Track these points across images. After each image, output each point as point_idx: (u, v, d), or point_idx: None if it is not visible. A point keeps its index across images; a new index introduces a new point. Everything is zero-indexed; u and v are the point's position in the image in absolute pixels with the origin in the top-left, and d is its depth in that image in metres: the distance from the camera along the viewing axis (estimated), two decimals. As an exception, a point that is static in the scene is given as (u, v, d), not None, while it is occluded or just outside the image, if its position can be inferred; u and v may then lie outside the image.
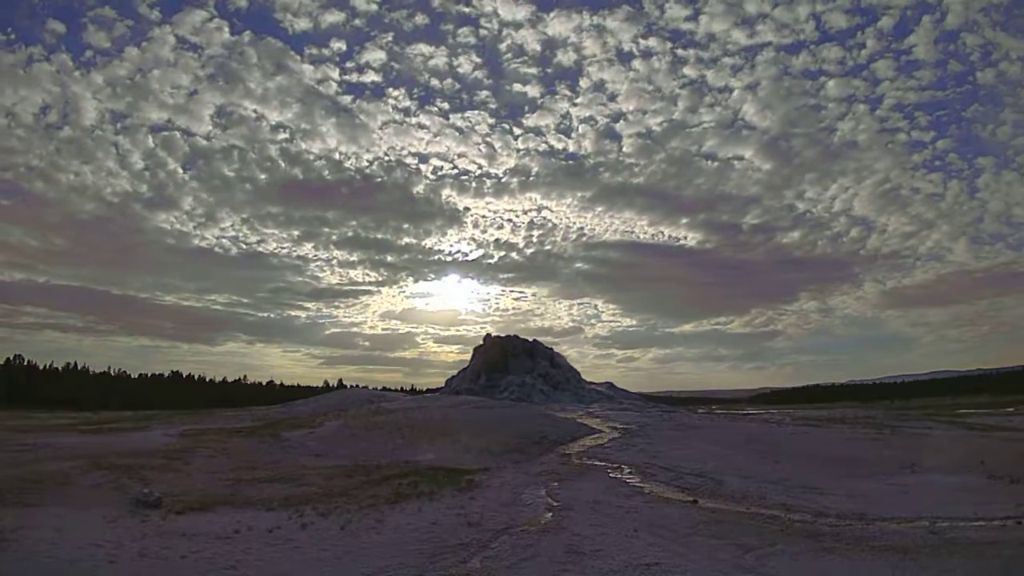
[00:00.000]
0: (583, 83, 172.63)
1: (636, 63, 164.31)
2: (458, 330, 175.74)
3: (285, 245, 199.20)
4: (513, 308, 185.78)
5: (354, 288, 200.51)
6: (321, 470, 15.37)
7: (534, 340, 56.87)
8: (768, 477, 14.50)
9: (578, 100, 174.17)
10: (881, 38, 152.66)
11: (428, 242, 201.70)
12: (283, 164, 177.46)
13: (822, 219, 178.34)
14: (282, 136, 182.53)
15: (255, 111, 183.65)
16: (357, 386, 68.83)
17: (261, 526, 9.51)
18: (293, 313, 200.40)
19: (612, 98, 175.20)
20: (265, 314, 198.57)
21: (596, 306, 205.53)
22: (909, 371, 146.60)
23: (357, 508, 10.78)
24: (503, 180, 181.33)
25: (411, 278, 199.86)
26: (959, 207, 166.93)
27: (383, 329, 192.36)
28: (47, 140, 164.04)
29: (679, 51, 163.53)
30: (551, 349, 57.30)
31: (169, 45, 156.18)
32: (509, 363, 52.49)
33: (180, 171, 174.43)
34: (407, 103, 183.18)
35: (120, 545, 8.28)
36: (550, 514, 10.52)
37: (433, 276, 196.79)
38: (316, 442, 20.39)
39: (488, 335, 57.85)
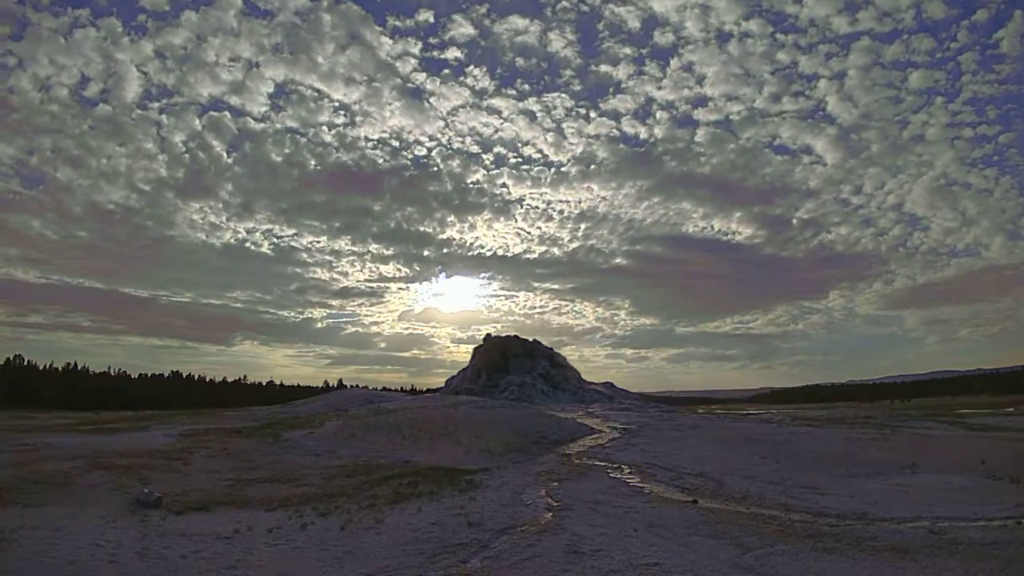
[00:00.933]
0: (673, 64, 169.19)
1: (732, 45, 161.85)
2: (480, 329, 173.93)
3: (321, 238, 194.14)
4: (539, 307, 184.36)
5: (381, 285, 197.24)
6: (321, 470, 15.38)
7: (534, 340, 56.93)
8: (768, 477, 14.49)
9: (664, 83, 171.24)
10: (973, 31, 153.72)
11: (471, 236, 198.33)
12: (336, 150, 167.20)
13: (872, 215, 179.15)
14: (341, 119, 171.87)
15: (317, 90, 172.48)
16: (357, 386, 68.87)
17: (261, 526, 9.51)
18: (315, 312, 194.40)
19: (699, 82, 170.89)
20: (286, 312, 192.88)
21: (622, 305, 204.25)
22: (909, 371, 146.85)
23: (357, 508, 10.78)
24: (564, 169, 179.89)
25: (444, 273, 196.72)
26: (1005, 203, 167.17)
27: (403, 328, 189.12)
28: (81, 118, 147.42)
29: (779, 35, 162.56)
30: (551, 349, 57.34)
31: (235, 9, 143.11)
32: (509, 363, 52.51)
33: (224, 155, 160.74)
34: (486, 83, 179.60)
35: (120, 545, 8.28)
36: (550, 514, 10.51)
37: (467, 271, 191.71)
38: (316, 442, 20.40)
39: (488, 335, 57.91)
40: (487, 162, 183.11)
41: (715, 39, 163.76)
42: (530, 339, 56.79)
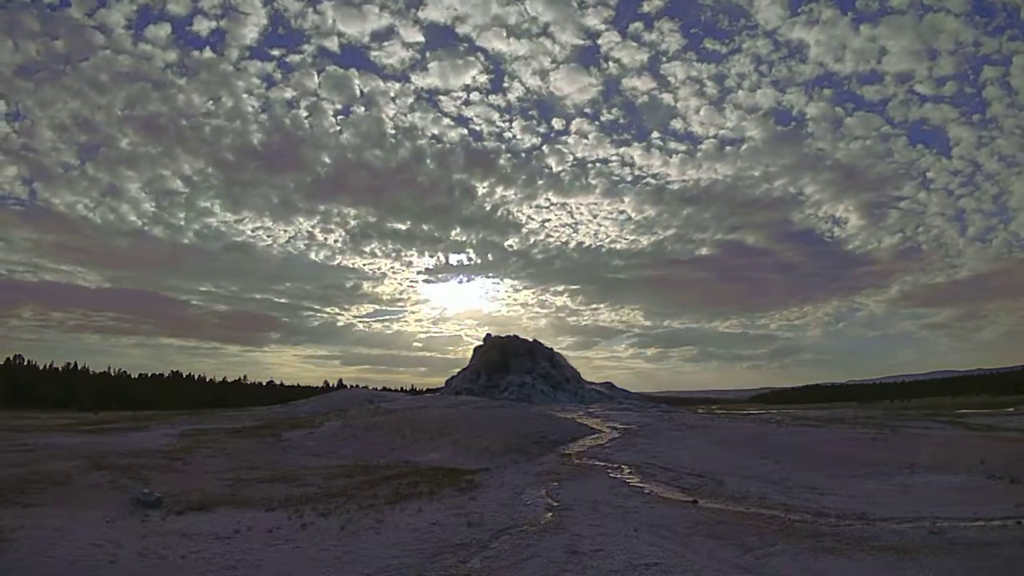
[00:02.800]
0: (864, 32, 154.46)
1: (927, 19, 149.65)
2: (523, 329, 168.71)
3: (403, 223, 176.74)
4: (592, 304, 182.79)
5: (441, 276, 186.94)
6: (321, 470, 15.37)
7: (534, 340, 56.83)
8: (768, 477, 14.50)
9: (846, 53, 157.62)
10: None
11: (567, 220, 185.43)
12: (463, 122, 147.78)
13: (965, 207, 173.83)
14: (484, 80, 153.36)
15: (470, 42, 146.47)
16: (357, 386, 68.85)
17: (261, 526, 9.50)
18: (362, 308, 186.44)
19: (880, 55, 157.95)
20: (331, 308, 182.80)
21: (675, 299, 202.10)
22: (909, 371, 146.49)
23: (357, 508, 10.78)
24: (702, 145, 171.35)
25: (512, 267, 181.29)
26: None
27: (442, 328, 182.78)
28: (176, 67, 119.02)
29: (976, 16, 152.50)
30: (551, 349, 57.23)
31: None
32: (509, 363, 52.43)
33: (332, 121, 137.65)
34: (671, 42, 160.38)
35: (120, 545, 8.28)
36: (550, 514, 10.51)
37: (536, 265, 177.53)
38: (316, 442, 20.40)
39: (488, 335, 57.83)
40: (626, 136, 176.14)
41: (916, 10, 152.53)
42: (530, 339, 56.77)
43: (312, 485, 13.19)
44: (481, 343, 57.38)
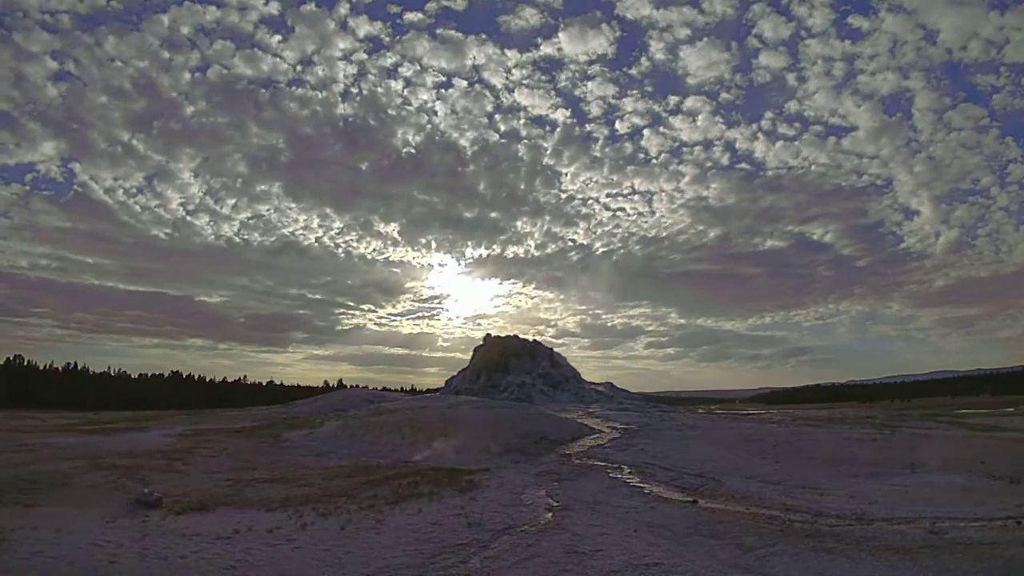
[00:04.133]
0: (992, 20, 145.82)
1: None
2: (545, 330, 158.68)
3: (470, 211, 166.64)
4: (621, 305, 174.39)
5: (494, 269, 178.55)
6: (321, 470, 15.37)
7: (534, 340, 56.96)
8: (768, 477, 14.50)
9: (972, 41, 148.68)
10: None
11: (640, 209, 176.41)
12: (569, 100, 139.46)
13: None
14: (610, 51, 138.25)
15: (611, 6, 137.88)
16: (357, 386, 68.88)
17: (261, 526, 9.50)
18: (398, 306, 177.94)
19: (1004, 45, 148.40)
20: (366, 306, 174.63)
21: (709, 299, 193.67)
22: (909, 371, 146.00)
23: (357, 508, 10.78)
24: (808, 128, 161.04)
25: (566, 261, 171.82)
26: None
27: (472, 329, 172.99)
28: (272, 26, 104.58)
29: None
30: (551, 349, 57.33)
31: None
32: (509, 363, 52.49)
33: (430, 93, 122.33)
34: (817, 18, 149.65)
35: (120, 545, 8.28)
36: (550, 514, 10.52)
37: (599, 251, 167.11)
38: (316, 442, 20.40)
39: (488, 335, 57.88)
40: (737, 117, 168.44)
41: None
42: (530, 339, 56.84)
43: (312, 485, 13.20)
44: (481, 343, 57.43)
